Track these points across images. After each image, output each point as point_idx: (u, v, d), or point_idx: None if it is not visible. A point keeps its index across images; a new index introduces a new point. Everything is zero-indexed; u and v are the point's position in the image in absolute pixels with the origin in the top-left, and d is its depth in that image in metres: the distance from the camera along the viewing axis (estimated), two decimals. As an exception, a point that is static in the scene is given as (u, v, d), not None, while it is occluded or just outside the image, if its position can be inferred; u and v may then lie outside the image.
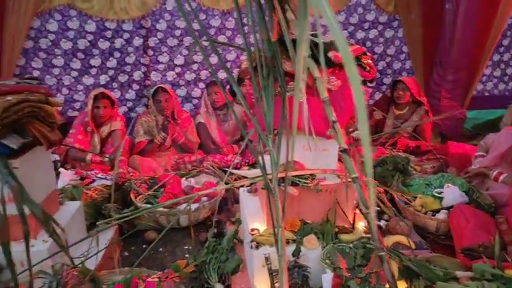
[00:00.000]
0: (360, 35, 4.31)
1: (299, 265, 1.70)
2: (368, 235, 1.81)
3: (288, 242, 1.75)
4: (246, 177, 2.32)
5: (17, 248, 1.57)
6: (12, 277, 1.52)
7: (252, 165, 3.26)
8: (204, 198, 2.61)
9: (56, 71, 3.87)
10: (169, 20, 3.91)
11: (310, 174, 1.77)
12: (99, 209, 2.38)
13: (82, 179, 2.78)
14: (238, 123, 1.44)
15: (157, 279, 1.45)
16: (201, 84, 4.17)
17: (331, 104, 1.33)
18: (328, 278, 1.61)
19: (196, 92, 4.19)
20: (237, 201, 2.76)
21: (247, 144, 1.48)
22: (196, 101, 4.20)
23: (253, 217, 2.00)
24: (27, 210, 1.57)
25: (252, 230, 1.87)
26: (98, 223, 2.22)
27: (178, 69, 4.10)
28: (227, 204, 2.75)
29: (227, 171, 3.10)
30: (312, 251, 1.74)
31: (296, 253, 1.72)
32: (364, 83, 1.84)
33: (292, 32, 1.39)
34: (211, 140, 3.57)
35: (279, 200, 1.35)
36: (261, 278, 1.73)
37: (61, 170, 2.79)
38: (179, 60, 4.07)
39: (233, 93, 3.63)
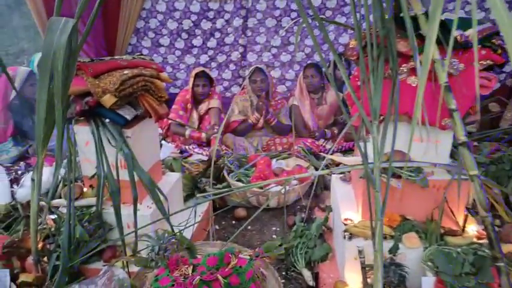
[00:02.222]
0: (480, 14, 3.80)
1: (396, 263, 1.57)
2: (480, 241, 1.60)
3: (385, 237, 1.64)
4: (340, 164, 2.22)
5: (125, 211, 1.72)
6: (120, 237, 1.67)
7: (345, 152, 3.13)
8: (294, 182, 2.58)
9: (162, 50, 4.14)
10: (269, 0, 3.88)
11: (417, 167, 1.61)
12: (195, 182, 2.50)
13: (181, 152, 2.94)
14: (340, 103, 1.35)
15: (248, 257, 1.46)
16: (296, 66, 4.10)
17: (451, 91, 1.17)
18: (429, 281, 1.47)
19: (291, 74, 4.14)
20: (326, 187, 2.68)
21: (347, 130, 1.40)
22: (290, 83, 4.14)
23: (347, 206, 1.91)
24: (136, 177, 1.70)
25: (345, 219, 1.78)
26: (196, 196, 2.32)
27: (274, 51, 4.08)
28: (316, 190, 2.69)
29: (318, 155, 3.02)
30: (412, 250, 1.60)
31: (394, 250, 1.59)
32: (491, 68, 1.59)
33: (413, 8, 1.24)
34: (304, 123, 3.50)
35: (380, 191, 1.25)
36: (353, 271, 1.65)
37: (163, 142, 2.99)
38: (276, 41, 4.03)
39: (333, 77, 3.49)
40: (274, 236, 2.33)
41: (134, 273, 1.57)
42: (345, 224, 1.75)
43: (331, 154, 2.98)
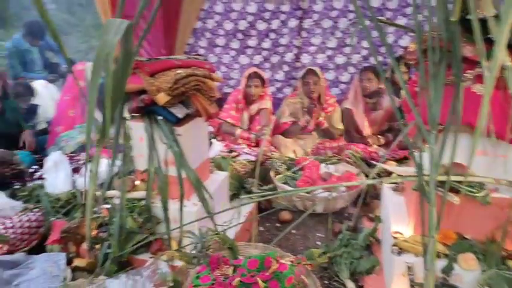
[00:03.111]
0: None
1: (449, 285, 1.46)
2: (550, 270, 1.44)
3: (438, 256, 1.52)
4: (392, 173, 2.11)
5: (172, 206, 1.77)
6: (167, 231, 1.73)
7: (399, 161, 2.98)
8: (342, 188, 2.51)
9: (218, 50, 4.22)
10: (326, 1, 3.81)
11: (478, 183, 1.48)
12: (242, 182, 2.51)
13: (230, 151, 2.98)
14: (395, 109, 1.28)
15: (290, 263, 1.43)
16: (351, 69, 3.99)
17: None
18: (486, 308, 1.34)
19: (345, 77, 4.03)
20: (377, 196, 2.57)
21: (402, 138, 1.32)
22: (344, 85, 4.04)
23: (397, 218, 1.81)
24: (184, 174, 1.74)
25: (395, 232, 1.69)
26: (241, 197, 2.34)
27: (329, 52, 3.99)
28: (365, 198, 2.59)
29: (370, 163, 2.91)
30: (468, 272, 1.48)
31: (447, 270, 1.48)
32: None
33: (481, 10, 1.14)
34: (356, 128, 3.39)
35: (435, 206, 1.16)
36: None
37: (213, 140, 3.04)
38: (332, 42, 3.95)
39: (390, 82, 3.34)
40: (318, 243, 2.27)
41: (177, 268, 1.60)
42: (395, 238, 1.65)
43: (384, 162, 2.85)
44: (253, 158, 2.88)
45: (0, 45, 4.04)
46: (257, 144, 3.21)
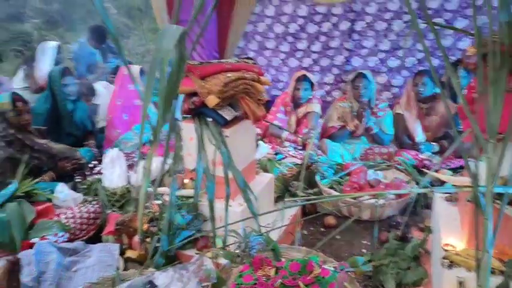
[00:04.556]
0: None
1: (504, 304, 1.37)
2: None
3: (492, 272, 1.43)
4: (445, 183, 2.02)
5: (218, 205, 1.83)
6: (212, 229, 1.78)
7: (455, 170, 2.82)
8: (391, 196, 2.43)
9: (267, 53, 4.26)
10: (380, 3, 3.70)
11: (542, 197, 1.37)
12: (287, 185, 2.52)
13: (276, 154, 3.00)
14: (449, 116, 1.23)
15: (333, 269, 1.42)
16: (405, 73, 3.84)
17: None
18: (546, 333, 1.24)
19: (398, 81, 3.89)
20: (428, 206, 2.46)
21: (457, 146, 1.26)
22: (397, 89, 3.90)
23: (449, 230, 1.72)
24: (230, 175, 1.79)
25: (446, 245, 1.61)
26: (286, 199, 2.35)
27: (382, 55, 3.88)
28: (416, 207, 2.49)
29: (421, 170, 2.79)
30: (527, 293, 1.38)
31: (503, 288, 1.39)
32: None
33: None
34: (408, 134, 3.26)
35: (491, 219, 1.10)
36: (449, 302, 1.48)
37: (260, 142, 3.08)
38: (384, 45, 3.83)
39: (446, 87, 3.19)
40: (363, 250, 2.23)
41: (221, 266, 1.65)
42: (446, 250, 1.58)
43: (437, 171, 2.72)
44: (299, 161, 2.88)
45: (68, 47, 4.38)
46: (304, 148, 3.20)
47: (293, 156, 2.98)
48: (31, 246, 1.83)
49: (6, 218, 1.93)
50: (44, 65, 3.69)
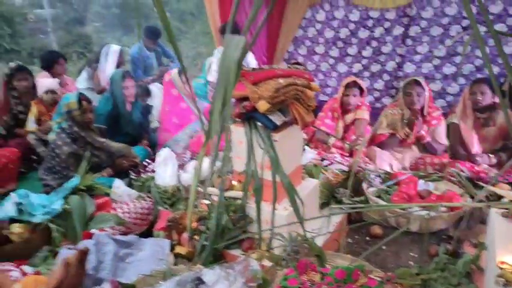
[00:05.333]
0: None
1: None
2: None
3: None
4: (502, 197, 1.92)
5: (265, 208, 1.86)
6: (258, 231, 1.82)
7: (513, 185, 2.66)
8: (443, 208, 2.34)
9: (316, 58, 4.26)
10: (437, 7, 3.58)
11: None
12: (332, 191, 2.51)
13: (322, 159, 2.98)
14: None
15: (379, 279, 1.40)
16: (461, 80, 3.68)
17: None
18: None
19: (454, 88, 3.74)
20: (483, 221, 2.33)
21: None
22: (451, 97, 3.75)
23: (506, 248, 1.63)
24: (278, 179, 1.82)
25: (502, 262, 1.54)
26: (331, 206, 2.34)
27: (436, 62, 3.74)
28: (469, 222, 2.37)
29: (477, 183, 2.66)
30: None
31: None
32: None
33: None
34: (463, 145, 3.11)
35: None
36: (504, 324, 1.41)
37: (306, 148, 3.08)
38: (440, 51, 3.70)
39: (503, 96, 3.01)
40: (410, 263, 2.16)
41: (266, 268, 1.68)
42: (501, 268, 1.51)
43: (494, 184, 2.57)
44: (345, 168, 2.85)
45: (126, 51, 4.65)
46: (351, 154, 3.16)
47: (339, 163, 2.95)
48: (90, 236, 1.98)
49: (69, 209, 2.11)
50: (107, 67, 3.95)
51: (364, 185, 2.62)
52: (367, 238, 2.40)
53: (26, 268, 1.76)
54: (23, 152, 3.13)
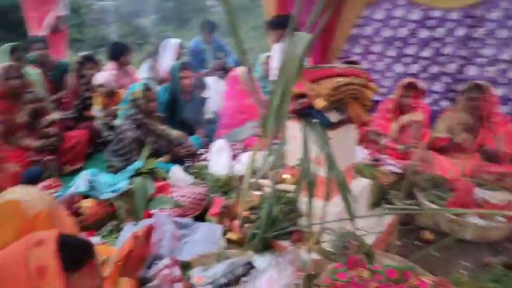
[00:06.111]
0: None
1: None
2: None
3: None
4: None
5: (316, 203, 1.90)
6: (308, 224, 1.87)
7: None
8: (501, 218, 2.25)
9: (372, 57, 4.18)
10: (507, 9, 3.38)
11: None
12: (383, 192, 2.49)
13: (374, 160, 2.96)
14: None
15: (431, 282, 1.40)
16: (529, 86, 3.46)
17: None
18: None
19: (520, 94, 3.52)
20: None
21: None
22: (517, 104, 3.53)
23: None
24: (331, 175, 1.86)
25: None
26: (383, 205, 2.32)
27: (502, 65, 3.54)
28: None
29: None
30: None
31: None
32: None
33: None
34: (527, 155, 2.95)
35: None
36: None
37: (358, 147, 3.07)
38: (506, 54, 3.50)
39: None
40: (461, 271, 2.11)
41: (315, 260, 1.73)
42: None
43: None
44: (397, 170, 2.81)
45: (184, 44, 4.86)
46: (404, 157, 3.09)
47: (391, 165, 2.91)
48: (150, 216, 2.14)
49: (133, 189, 2.28)
50: (166, 59, 4.16)
51: (416, 189, 2.58)
52: (417, 242, 2.36)
53: (95, 239, 1.95)
54: (90, 135, 3.40)
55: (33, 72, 3.64)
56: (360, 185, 2.22)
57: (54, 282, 0.76)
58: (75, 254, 0.83)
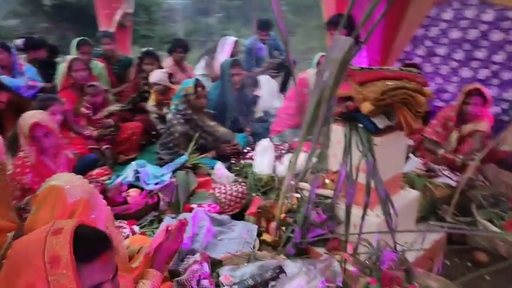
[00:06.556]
0: None
1: None
2: None
3: None
4: None
5: (355, 212, 1.82)
6: (346, 234, 1.79)
7: None
8: None
9: (436, 60, 3.91)
10: None
11: None
12: (434, 206, 2.32)
13: (427, 170, 2.76)
14: None
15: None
16: None
17: None
18: None
19: None
20: None
21: None
22: None
23: None
24: (373, 184, 1.76)
25: None
26: (431, 222, 2.17)
27: None
28: None
29: None
30: None
31: None
32: None
33: None
34: None
35: None
36: None
37: (411, 155, 2.89)
38: None
39: None
40: (518, 301, 1.90)
41: (348, 272, 1.65)
42: None
43: None
44: (453, 183, 2.59)
45: (241, 42, 4.91)
46: (462, 169, 2.85)
47: (447, 177, 2.69)
48: (190, 210, 2.19)
49: (175, 182, 2.35)
50: (222, 57, 4.23)
51: (473, 206, 2.36)
52: (468, 263, 2.16)
53: (135, 228, 2.04)
54: (145, 127, 3.57)
55: (98, 66, 3.90)
56: (408, 197, 2.09)
57: (68, 273, 0.79)
58: (89, 246, 0.86)
